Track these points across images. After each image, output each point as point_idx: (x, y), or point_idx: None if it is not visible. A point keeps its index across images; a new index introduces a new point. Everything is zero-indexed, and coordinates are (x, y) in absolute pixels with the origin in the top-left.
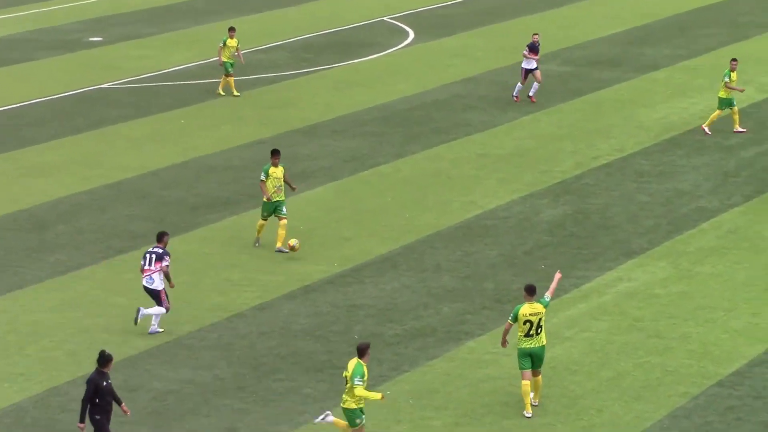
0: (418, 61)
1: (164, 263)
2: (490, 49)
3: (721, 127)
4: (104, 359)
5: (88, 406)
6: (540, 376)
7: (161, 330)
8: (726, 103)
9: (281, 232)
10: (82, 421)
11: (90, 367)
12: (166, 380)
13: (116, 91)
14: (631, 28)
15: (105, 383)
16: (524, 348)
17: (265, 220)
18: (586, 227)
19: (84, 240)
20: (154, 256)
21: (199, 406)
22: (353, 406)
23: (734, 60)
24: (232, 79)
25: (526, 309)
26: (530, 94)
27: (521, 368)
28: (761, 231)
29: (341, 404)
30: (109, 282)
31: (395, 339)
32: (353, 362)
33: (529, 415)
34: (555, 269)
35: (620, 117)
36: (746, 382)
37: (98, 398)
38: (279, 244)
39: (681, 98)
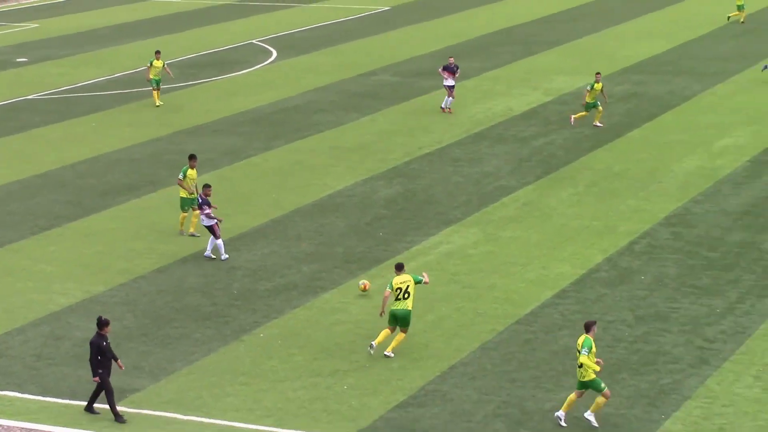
0: (280, 74)
1: (204, 212)
2: (337, 64)
3: (513, 124)
4: (102, 323)
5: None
6: (404, 335)
7: (227, 256)
8: (592, 106)
9: (194, 220)
10: (94, 375)
11: (23, 320)
12: (84, 330)
13: (40, 102)
14: (446, 46)
15: (105, 343)
16: (393, 309)
17: (186, 212)
18: (414, 202)
19: (15, 220)
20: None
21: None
22: (593, 375)
23: (598, 73)
24: (156, 93)
25: (398, 279)
26: (444, 106)
27: (388, 323)
28: (549, 203)
29: (581, 379)
30: (37, 253)
31: (266, 293)
32: (582, 337)
33: (374, 345)
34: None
35: (439, 116)
36: (539, 320)
37: (100, 356)
38: (192, 230)
39: (486, 101)
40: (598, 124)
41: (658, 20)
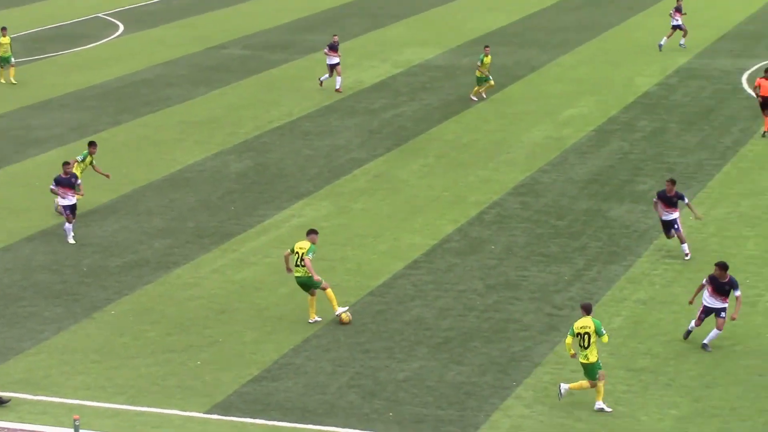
0: (127, 48)
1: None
2: (186, 37)
3: (364, 96)
4: None
5: None
6: (314, 297)
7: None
8: (483, 80)
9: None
10: None
11: None
12: None
13: None
14: (296, 19)
15: None
16: (295, 276)
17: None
18: (265, 176)
19: None
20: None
21: None
22: (595, 359)
23: (487, 47)
24: (11, 70)
25: (299, 243)
26: (337, 87)
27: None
28: (399, 175)
29: (582, 360)
30: None
31: (117, 269)
32: (588, 320)
33: (314, 320)
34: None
35: (289, 89)
36: (391, 291)
37: None
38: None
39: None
40: (481, 96)
41: None
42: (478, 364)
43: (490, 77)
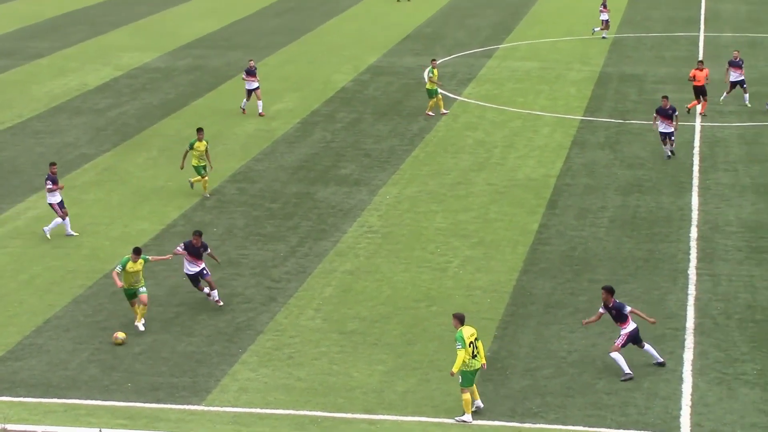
0: None
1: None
2: None
3: (89, 97)
4: None
5: None
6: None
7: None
8: (434, 92)
9: (205, 182)
10: None
11: None
12: None
13: None
14: (20, 27)
15: None
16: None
17: (203, 176)
18: (0, 173)
19: None
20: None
21: None
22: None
23: (434, 60)
24: None
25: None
26: (259, 111)
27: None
28: (126, 168)
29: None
30: None
31: None
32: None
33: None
34: None
35: (18, 92)
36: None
37: None
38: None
39: (61, 77)
40: (430, 113)
41: (211, 1)
42: (207, 335)
43: (439, 91)
